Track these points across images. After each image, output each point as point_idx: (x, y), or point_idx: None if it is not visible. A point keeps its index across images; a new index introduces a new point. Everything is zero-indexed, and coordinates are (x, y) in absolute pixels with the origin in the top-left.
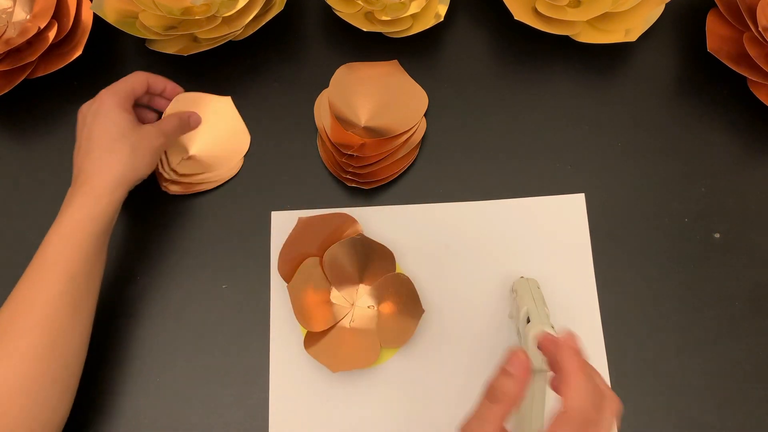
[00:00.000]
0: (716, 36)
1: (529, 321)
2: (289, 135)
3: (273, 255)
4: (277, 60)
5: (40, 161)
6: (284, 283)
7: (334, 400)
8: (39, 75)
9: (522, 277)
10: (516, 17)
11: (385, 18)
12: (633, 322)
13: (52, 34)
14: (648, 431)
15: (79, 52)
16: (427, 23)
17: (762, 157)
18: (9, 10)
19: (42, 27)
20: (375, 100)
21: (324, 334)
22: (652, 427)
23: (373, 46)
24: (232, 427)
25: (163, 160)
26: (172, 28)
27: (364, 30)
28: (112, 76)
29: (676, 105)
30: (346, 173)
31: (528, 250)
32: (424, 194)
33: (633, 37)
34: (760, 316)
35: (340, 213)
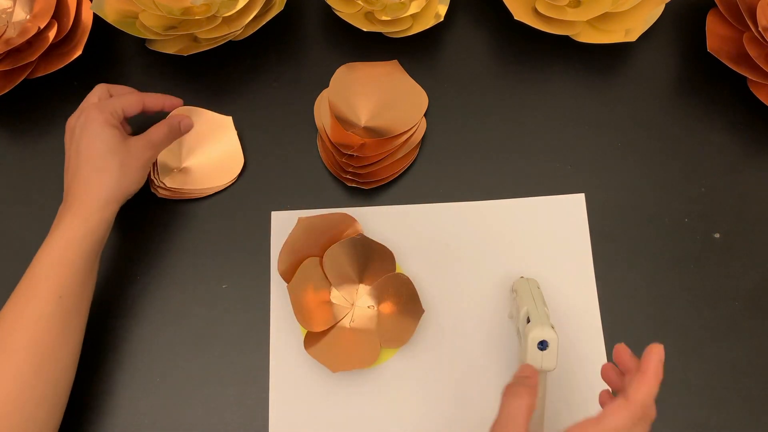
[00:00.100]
0: (716, 36)
1: (529, 321)
2: (289, 135)
3: (273, 255)
4: (277, 60)
5: (40, 161)
6: (284, 283)
7: (334, 400)
8: (39, 75)
9: (522, 277)
10: (516, 17)
11: (385, 18)
12: (633, 322)
13: (52, 34)
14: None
15: (79, 52)
16: (427, 23)
17: (762, 157)
18: (9, 10)
19: (42, 27)
20: (375, 100)
21: (324, 334)
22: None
23: (373, 46)
24: (232, 427)
25: (153, 168)
26: (172, 28)
27: (364, 30)
28: (112, 76)
29: (676, 105)
30: (346, 173)
31: (528, 250)
32: (424, 194)
33: (633, 37)
34: (760, 316)
35: (340, 213)
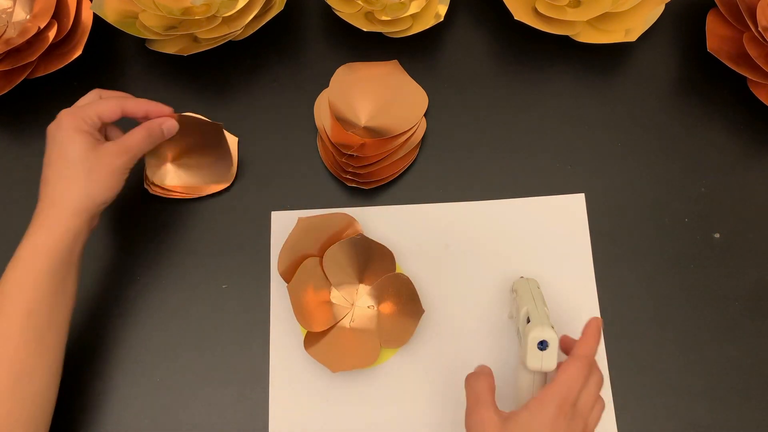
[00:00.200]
0: (716, 36)
1: (529, 321)
2: (289, 135)
3: (273, 255)
4: (276, 60)
5: (40, 161)
6: (284, 283)
7: (334, 400)
8: (39, 75)
9: (522, 277)
10: (516, 17)
11: (385, 18)
12: (633, 322)
13: (52, 34)
14: (648, 431)
15: (79, 52)
16: (427, 23)
17: (762, 157)
18: (9, 10)
19: (42, 27)
20: (375, 100)
21: (324, 334)
22: (652, 427)
23: (373, 46)
24: (232, 427)
25: (144, 166)
26: (172, 28)
27: (364, 30)
28: (112, 77)
29: (676, 105)
30: (346, 173)
31: (528, 250)
32: (424, 194)
33: (633, 37)
34: (760, 316)
35: (340, 213)
